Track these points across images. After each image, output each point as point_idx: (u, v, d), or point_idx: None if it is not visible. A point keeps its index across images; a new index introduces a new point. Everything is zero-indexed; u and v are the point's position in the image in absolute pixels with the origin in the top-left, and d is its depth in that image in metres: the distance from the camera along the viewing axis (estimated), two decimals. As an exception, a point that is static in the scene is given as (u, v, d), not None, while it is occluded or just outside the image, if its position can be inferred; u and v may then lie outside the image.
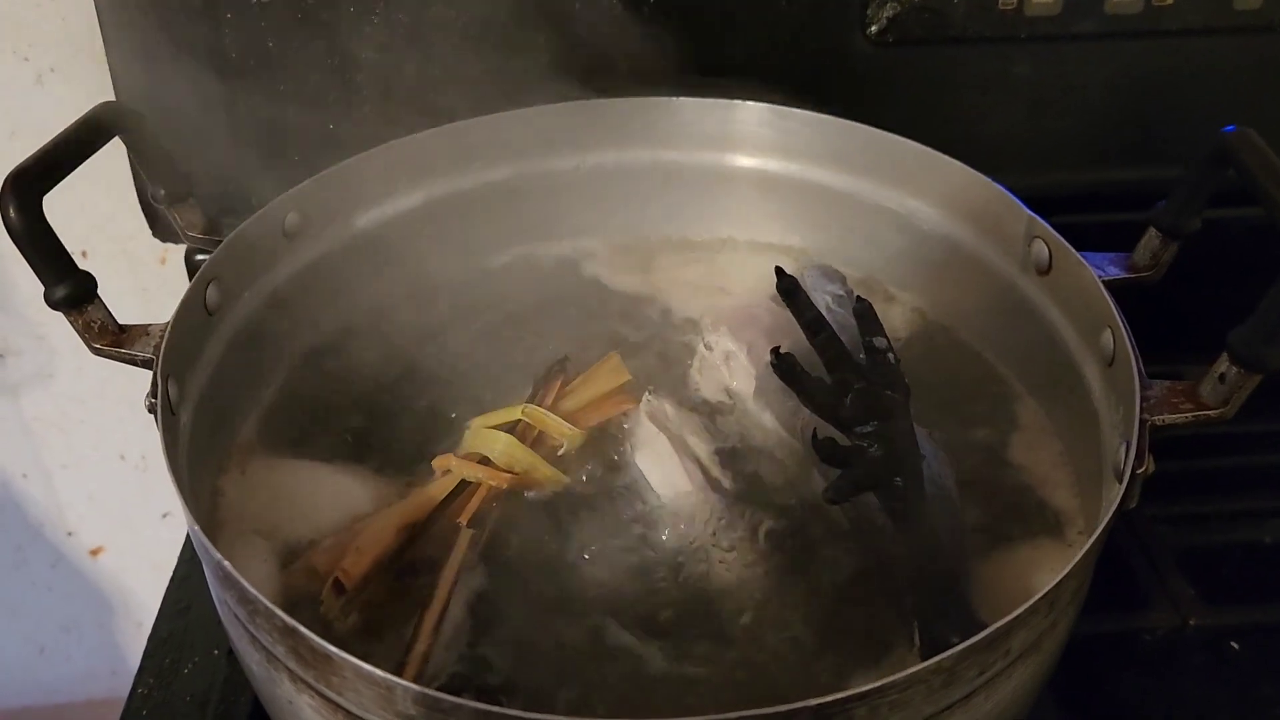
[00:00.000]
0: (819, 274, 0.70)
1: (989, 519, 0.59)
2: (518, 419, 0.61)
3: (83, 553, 1.17)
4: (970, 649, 0.40)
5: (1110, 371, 0.55)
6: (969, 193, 0.67)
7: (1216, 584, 0.71)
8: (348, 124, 0.77)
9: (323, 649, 0.41)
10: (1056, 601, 0.44)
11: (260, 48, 0.76)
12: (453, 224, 0.74)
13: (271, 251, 0.65)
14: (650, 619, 0.54)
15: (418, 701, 0.40)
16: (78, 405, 1.06)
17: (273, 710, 0.50)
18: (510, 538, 0.58)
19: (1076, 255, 0.59)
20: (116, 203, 0.91)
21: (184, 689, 0.65)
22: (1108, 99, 0.80)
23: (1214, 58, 0.79)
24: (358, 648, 0.51)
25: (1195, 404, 0.51)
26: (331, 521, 0.59)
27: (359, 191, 0.70)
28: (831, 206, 0.75)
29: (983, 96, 0.78)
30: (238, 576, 0.43)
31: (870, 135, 0.71)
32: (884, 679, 0.39)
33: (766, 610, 0.54)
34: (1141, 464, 0.48)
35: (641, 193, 0.77)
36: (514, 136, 0.74)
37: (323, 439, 0.64)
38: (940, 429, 0.62)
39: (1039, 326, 0.63)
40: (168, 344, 0.54)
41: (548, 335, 0.69)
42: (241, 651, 0.50)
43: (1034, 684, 0.48)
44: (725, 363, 0.66)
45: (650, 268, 0.77)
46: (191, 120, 0.74)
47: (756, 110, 0.74)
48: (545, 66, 0.74)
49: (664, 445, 0.60)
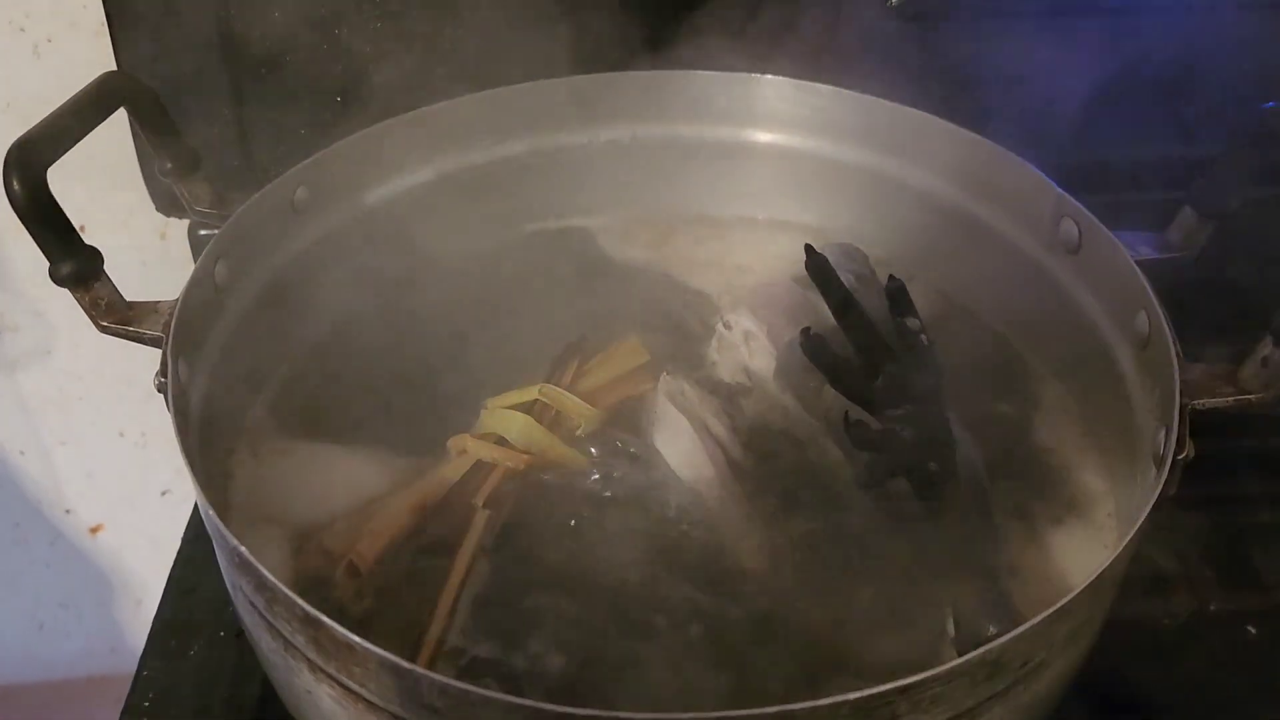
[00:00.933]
0: (840, 253, 0.68)
1: (1017, 503, 0.58)
2: (535, 399, 0.60)
3: (82, 530, 1.16)
4: (1015, 640, 0.39)
5: (1145, 355, 0.55)
6: (994, 170, 0.66)
7: (1236, 568, 0.70)
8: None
9: (345, 639, 0.40)
10: (1099, 592, 0.43)
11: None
12: (464, 200, 0.73)
13: (280, 227, 0.64)
14: (670, 601, 0.53)
15: (444, 693, 0.39)
16: (76, 382, 1.05)
17: (289, 699, 0.49)
18: (527, 519, 0.57)
19: (1109, 234, 0.58)
20: (115, 176, 0.89)
21: (191, 672, 0.64)
22: (1139, 74, 0.78)
23: (1248, 32, 0.77)
24: (371, 631, 0.51)
25: (1236, 388, 0.50)
26: (344, 504, 0.58)
27: (369, 166, 0.69)
28: (852, 184, 0.73)
29: (1008, 72, 0.77)
30: (256, 563, 0.42)
31: (893, 110, 0.70)
32: (926, 672, 0.38)
33: (790, 595, 0.53)
34: (1182, 449, 0.47)
35: (658, 168, 0.76)
36: (526, 111, 0.73)
37: (334, 420, 0.63)
38: (964, 412, 0.61)
39: (1067, 308, 0.62)
40: (177, 322, 0.53)
41: (563, 313, 0.68)
42: (256, 639, 0.49)
43: (1071, 674, 0.48)
44: (745, 342, 0.65)
45: (666, 245, 0.76)
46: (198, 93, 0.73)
47: (777, 84, 0.72)
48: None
49: (683, 425, 0.59)
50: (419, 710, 0.40)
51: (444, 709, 0.40)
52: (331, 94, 0.77)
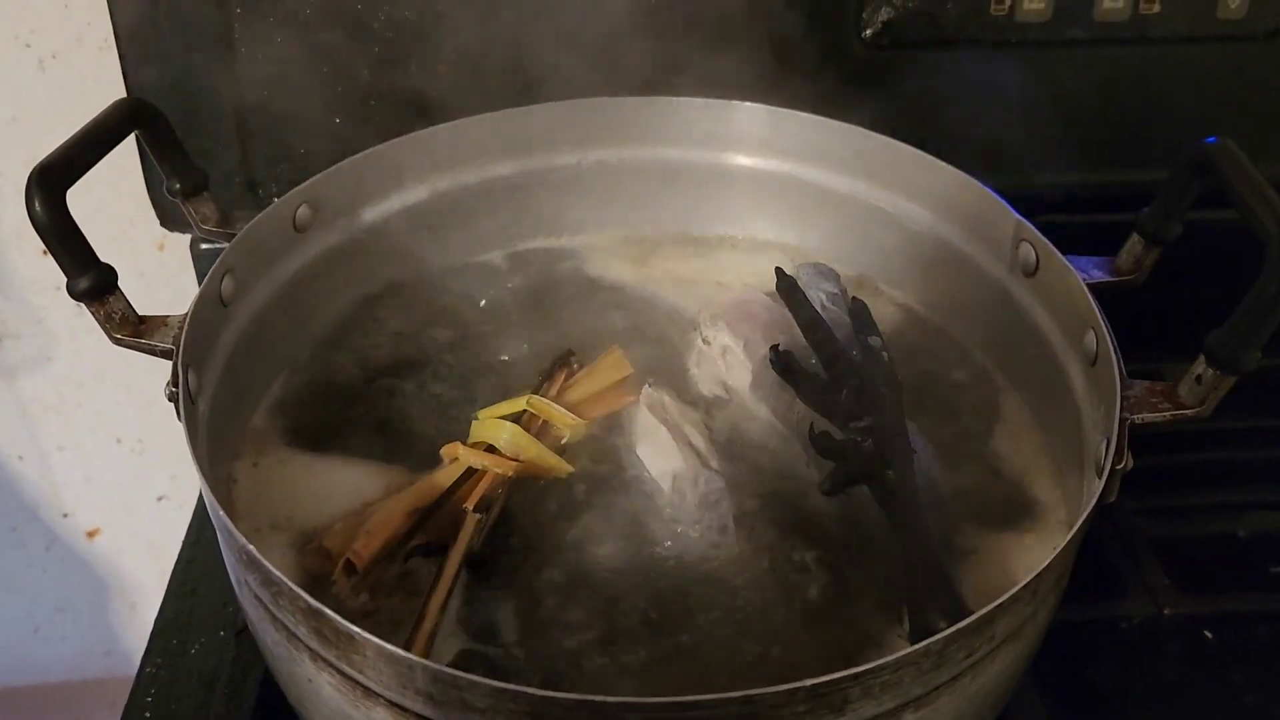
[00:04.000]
0: (814, 272, 0.72)
1: (975, 507, 0.61)
2: (523, 410, 0.63)
3: (78, 534, 1.17)
4: (958, 633, 0.43)
5: (1093, 371, 0.58)
6: (960, 195, 0.69)
7: (1192, 574, 0.73)
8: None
9: (346, 629, 0.43)
10: (1039, 590, 0.47)
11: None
12: (457, 219, 0.76)
13: (283, 244, 0.67)
14: (650, 602, 0.56)
15: (435, 680, 0.42)
16: (75, 388, 1.07)
17: (291, 689, 0.52)
18: (515, 522, 0.60)
19: (1062, 259, 0.61)
20: (115, 188, 0.91)
21: (192, 669, 0.67)
22: (1096, 104, 0.82)
23: (1198, 65, 0.82)
24: (367, 626, 0.53)
25: (1173, 404, 0.53)
26: (342, 507, 0.60)
27: (367, 186, 0.71)
28: (826, 206, 0.77)
29: (975, 100, 0.81)
30: (263, 560, 0.45)
31: (864, 138, 0.73)
32: (877, 661, 0.41)
33: (763, 595, 0.56)
34: (1121, 460, 0.50)
35: (642, 190, 0.79)
36: (518, 133, 0.75)
37: (332, 428, 0.65)
38: (929, 421, 0.64)
39: (1025, 326, 0.65)
40: (187, 335, 0.55)
41: (552, 329, 0.71)
42: (259, 632, 0.52)
43: (1017, 667, 0.51)
44: (722, 357, 0.68)
45: (650, 263, 0.79)
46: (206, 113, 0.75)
47: (754, 111, 0.76)
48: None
49: (663, 436, 0.62)
50: (413, 696, 0.43)
51: (436, 694, 0.43)
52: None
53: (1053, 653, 0.57)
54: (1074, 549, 0.49)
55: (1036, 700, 0.64)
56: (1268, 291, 0.49)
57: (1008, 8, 0.78)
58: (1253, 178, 0.53)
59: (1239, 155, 0.55)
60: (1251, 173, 0.53)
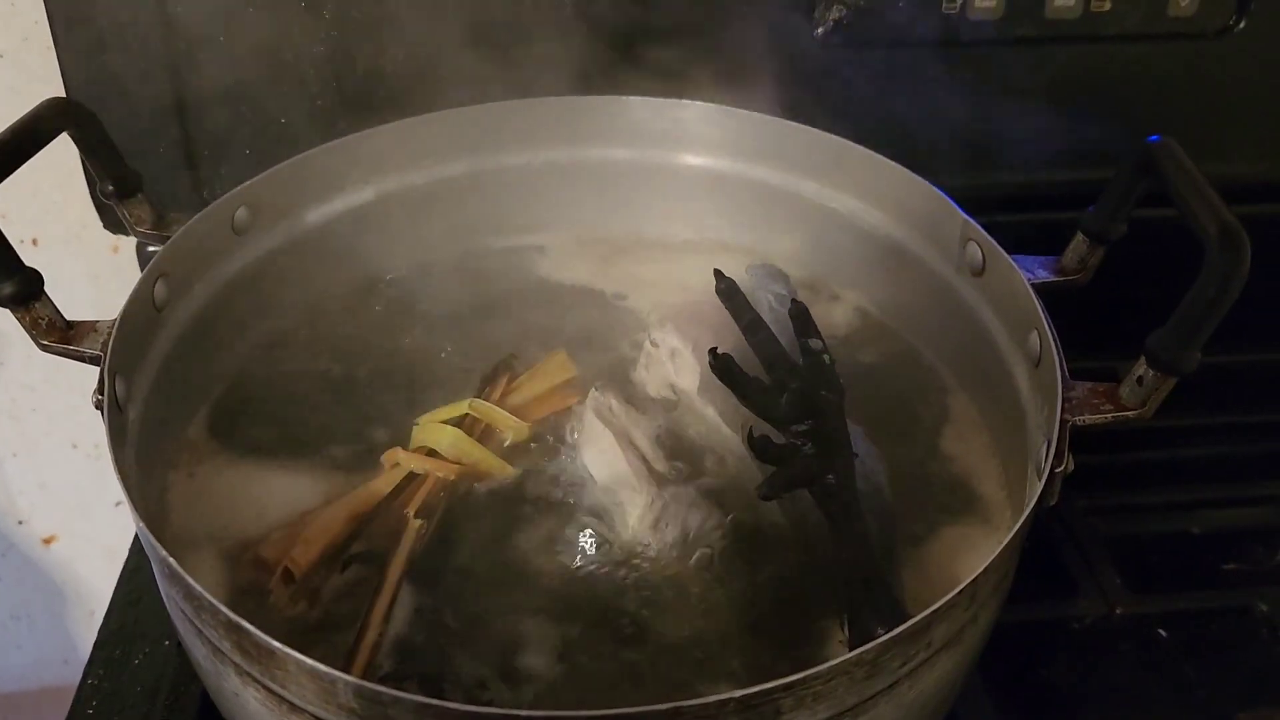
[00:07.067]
0: (763, 273, 0.71)
1: (922, 510, 0.61)
2: (465, 413, 0.62)
3: (34, 541, 1.16)
4: (891, 641, 0.42)
5: (1037, 372, 0.57)
6: (908, 195, 0.69)
7: (1144, 573, 0.73)
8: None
9: (266, 644, 0.42)
10: (977, 595, 0.46)
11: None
12: (404, 220, 0.75)
13: (221, 247, 0.66)
14: (591, 608, 0.55)
15: (358, 695, 0.41)
16: (29, 393, 1.05)
17: (220, 702, 0.51)
18: (457, 528, 0.59)
19: (1008, 258, 0.61)
20: (67, 190, 0.90)
21: (134, 680, 0.66)
22: (1047, 102, 0.82)
23: (1149, 63, 0.82)
24: (309, 637, 0.53)
25: (1115, 405, 0.53)
26: (281, 516, 0.59)
27: (310, 187, 0.70)
28: (778, 206, 0.76)
29: (926, 99, 0.80)
30: (183, 574, 0.44)
31: (813, 136, 0.72)
32: (808, 670, 0.41)
33: (704, 602, 0.55)
34: (1061, 463, 0.50)
35: (593, 190, 0.78)
36: (466, 132, 0.75)
37: (272, 435, 0.64)
38: (877, 422, 0.64)
39: (973, 326, 0.65)
40: (115, 341, 0.54)
41: (497, 331, 0.71)
42: (189, 645, 0.51)
43: (958, 673, 0.50)
44: (671, 359, 0.67)
45: (600, 263, 0.78)
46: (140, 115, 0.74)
47: (704, 110, 0.75)
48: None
49: (608, 439, 0.62)
50: (337, 711, 0.42)
51: (361, 710, 0.42)
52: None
53: (1004, 653, 0.57)
54: (1014, 552, 0.49)
55: (987, 702, 0.64)
56: (1206, 293, 0.49)
57: (959, 6, 0.78)
58: (1194, 177, 0.52)
59: (1181, 155, 0.55)
60: (1193, 172, 0.53)
